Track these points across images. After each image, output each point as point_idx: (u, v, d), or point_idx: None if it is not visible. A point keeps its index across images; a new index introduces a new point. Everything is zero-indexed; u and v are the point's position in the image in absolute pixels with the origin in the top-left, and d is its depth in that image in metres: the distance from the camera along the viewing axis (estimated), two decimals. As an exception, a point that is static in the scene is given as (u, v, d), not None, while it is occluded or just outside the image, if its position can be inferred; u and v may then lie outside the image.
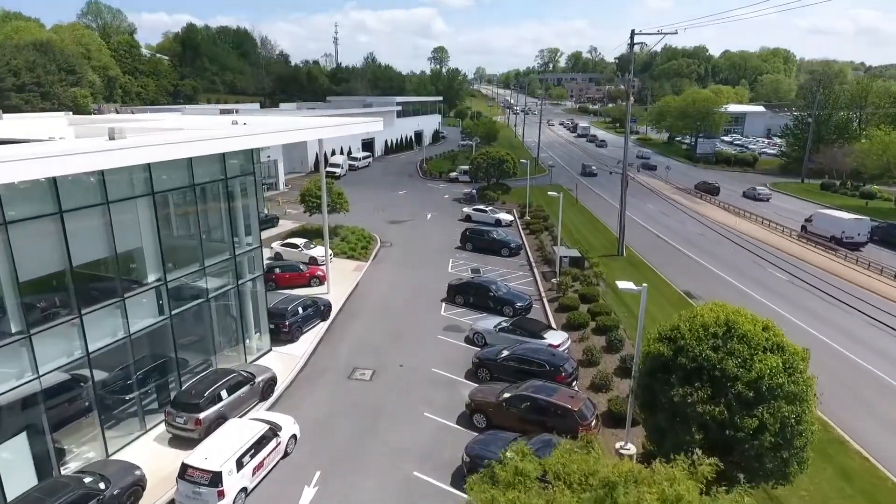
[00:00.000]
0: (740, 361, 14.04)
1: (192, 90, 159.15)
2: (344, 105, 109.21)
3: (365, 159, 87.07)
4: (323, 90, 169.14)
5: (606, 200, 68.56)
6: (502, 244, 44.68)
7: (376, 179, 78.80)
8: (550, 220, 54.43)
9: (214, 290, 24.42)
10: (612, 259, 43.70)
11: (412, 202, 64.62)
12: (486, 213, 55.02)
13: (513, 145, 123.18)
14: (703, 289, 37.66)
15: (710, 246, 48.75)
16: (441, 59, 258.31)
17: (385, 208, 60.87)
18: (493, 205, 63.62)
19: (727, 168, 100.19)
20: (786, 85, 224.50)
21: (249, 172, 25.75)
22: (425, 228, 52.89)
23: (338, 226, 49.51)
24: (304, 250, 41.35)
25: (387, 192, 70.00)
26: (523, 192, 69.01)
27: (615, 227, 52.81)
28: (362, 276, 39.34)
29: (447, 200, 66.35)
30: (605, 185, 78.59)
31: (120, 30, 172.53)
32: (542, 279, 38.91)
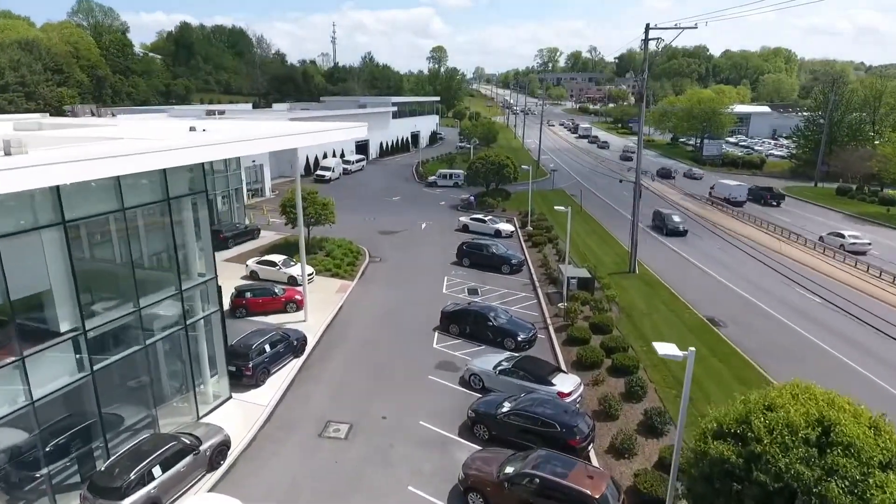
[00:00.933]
0: (849, 485, 9.68)
1: (185, 90, 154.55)
2: (338, 105, 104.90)
3: (358, 162, 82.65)
4: (318, 90, 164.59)
5: (613, 207, 64.19)
6: (503, 260, 40.27)
7: (369, 184, 74.38)
8: (554, 231, 50.07)
9: (155, 335, 20.02)
10: (624, 277, 39.28)
11: (406, 209, 60.21)
12: (485, 224, 50.61)
13: (512, 147, 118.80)
14: (728, 313, 33.28)
15: (733, 263, 44.33)
16: (440, 59, 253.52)
17: (377, 216, 56.46)
18: (493, 212, 59.25)
19: (734, 171, 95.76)
20: (788, 85, 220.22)
21: (200, 191, 21.30)
22: (419, 240, 48.49)
23: (323, 238, 45.10)
24: (282, 268, 36.93)
25: (379, 198, 65.57)
26: (524, 198, 64.68)
27: (624, 240, 48.50)
28: (346, 298, 34.91)
29: (443, 207, 61.94)
30: (610, 191, 74.16)
31: (111, 28, 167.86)
32: (546, 302, 34.50)
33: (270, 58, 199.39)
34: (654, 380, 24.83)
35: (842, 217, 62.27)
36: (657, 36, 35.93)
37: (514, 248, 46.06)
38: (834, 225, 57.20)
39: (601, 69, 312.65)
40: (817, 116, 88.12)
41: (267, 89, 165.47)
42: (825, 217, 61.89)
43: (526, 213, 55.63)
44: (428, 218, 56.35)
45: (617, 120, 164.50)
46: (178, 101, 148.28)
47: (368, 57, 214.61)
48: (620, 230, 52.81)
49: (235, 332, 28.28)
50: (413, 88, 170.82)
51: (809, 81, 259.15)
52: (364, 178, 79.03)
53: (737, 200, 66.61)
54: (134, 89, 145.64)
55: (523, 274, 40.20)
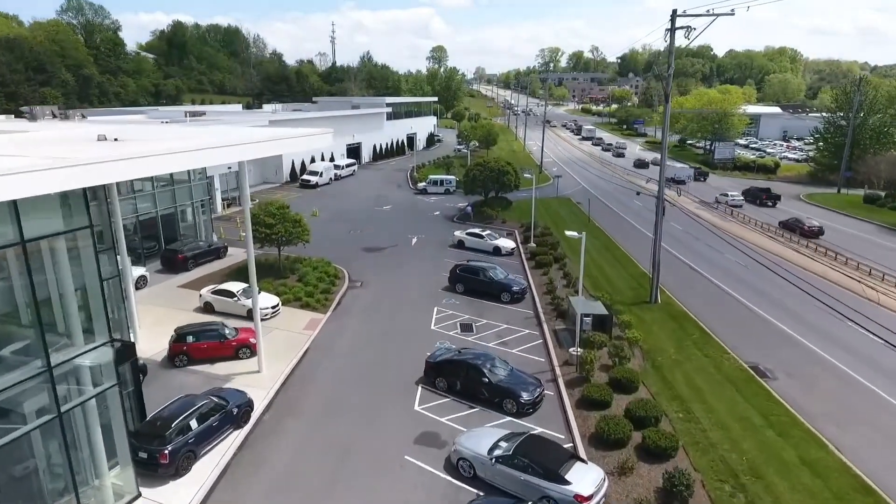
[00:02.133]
0: None
1: (176, 90, 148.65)
2: (331, 106, 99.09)
3: (349, 167, 76.65)
4: (313, 90, 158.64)
5: (623, 218, 58.10)
6: (502, 287, 34.22)
7: (359, 191, 68.37)
8: (561, 248, 44.06)
9: (10, 430, 14.09)
10: (644, 308, 33.22)
11: (396, 221, 54.19)
12: (483, 239, 44.58)
13: (513, 150, 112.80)
14: (775, 359, 27.23)
15: (761, 284, 38.27)
16: (440, 59, 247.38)
17: (363, 229, 50.46)
18: (492, 223, 53.28)
19: (749, 175, 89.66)
20: (794, 85, 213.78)
21: (81, 226, 15.29)
22: (408, 259, 42.49)
23: (297, 259, 39.15)
24: (241, 300, 30.94)
25: (368, 207, 59.55)
26: (526, 206, 58.67)
27: (640, 258, 42.51)
28: (314, 338, 28.92)
29: (437, 218, 55.91)
30: (620, 200, 68.08)
31: (102, 27, 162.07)
32: (554, 342, 28.50)
33: (268, 57, 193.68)
34: (699, 467, 18.83)
35: (875, 228, 56.14)
36: (686, 24, 29.49)
37: (515, 269, 40.07)
38: (870, 239, 51.15)
39: (603, 69, 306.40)
40: (838, 118, 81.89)
41: (260, 90, 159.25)
42: (857, 229, 55.72)
43: (528, 226, 49.65)
44: (420, 231, 50.34)
45: (621, 121, 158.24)
46: (169, 102, 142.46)
47: (367, 57, 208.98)
48: (634, 244, 46.80)
49: (171, 389, 22.45)
50: (411, 89, 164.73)
51: (815, 81, 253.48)
52: (354, 183, 73.03)
53: (679, 179, 78.74)
54: (122, 89, 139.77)
55: (526, 303, 34.17)
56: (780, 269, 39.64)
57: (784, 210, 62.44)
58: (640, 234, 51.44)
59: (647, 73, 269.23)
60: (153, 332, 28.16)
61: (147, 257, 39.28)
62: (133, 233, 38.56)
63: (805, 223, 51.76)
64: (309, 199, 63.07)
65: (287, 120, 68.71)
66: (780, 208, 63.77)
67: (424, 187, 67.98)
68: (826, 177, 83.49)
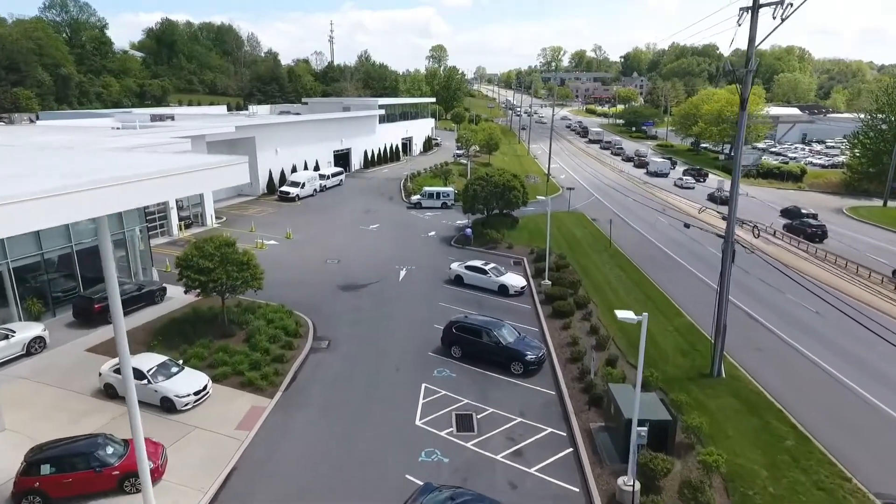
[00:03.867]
0: None
1: (161, 90, 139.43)
2: (321, 108, 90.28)
3: (335, 176, 67.66)
4: (306, 90, 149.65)
5: (651, 242, 49.08)
6: (512, 355, 25.31)
7: (344, 205, 59.40)
8: (583, 287, 35.18)
9: None
10: (706, 386, 24.24)
11: (383, 245, 45.27)
12: (486, 276, 35.59)
13: (517, 154, 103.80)
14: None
15: (849, 343, 29.35)
16: (440, 58, 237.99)
17: (342, 258, 41.54)
18: (496, 248, 44.39)
19: (776, 184, 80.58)
20: (805, 84, 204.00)
21: None
22: (392, 301, 33.55)
23: (250, 307, 30.26)
24: (152, 383, 22.02)
25: (353, 227, 50.59)
26: (535, 226, 49.87)
27: (681, 299, 33.60)
28: (247, 446, 20.01)
29: (432, 241, 46.95)
30: (641, 216, 59.02)
31: (88, 25, 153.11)
32: (590, 453, 19.64)
33: (263, 57, 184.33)
34: None
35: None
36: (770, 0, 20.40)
37: (527, 319, 31.17)
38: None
39: (606, 69, 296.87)
40: (878, 121, 72.82)
41: (250, 90, 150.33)
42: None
43: (540, 254, 40.79)
44: (410, 259, 41.43)
45: (629, 123, 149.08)
46: (154, 103, 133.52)
47: (365, 56, 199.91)
48: (671, 280, 37.85)
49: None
50: (409, 89, 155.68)
51: (825, 81, 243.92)
52: (341, 196, 64.03)
53: (662, 173, 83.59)
54: (105, 90, 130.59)
55: (545, 375, 25.25)
56: (868, 319, 30.66)
57: (842, 235, 53.25)
58: (674, 265, 42.48)
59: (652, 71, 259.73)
60: (21, 438, 19.38)
61: (59, 305, 30.47)
62: (38, 274, 29.76)
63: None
64: (286, 214, 54.15)
65: (259, 125, 59.79)
66: (834, 235, 54.30)
67: (419, 201, 59.06)
68: (863, 186, 74.54)
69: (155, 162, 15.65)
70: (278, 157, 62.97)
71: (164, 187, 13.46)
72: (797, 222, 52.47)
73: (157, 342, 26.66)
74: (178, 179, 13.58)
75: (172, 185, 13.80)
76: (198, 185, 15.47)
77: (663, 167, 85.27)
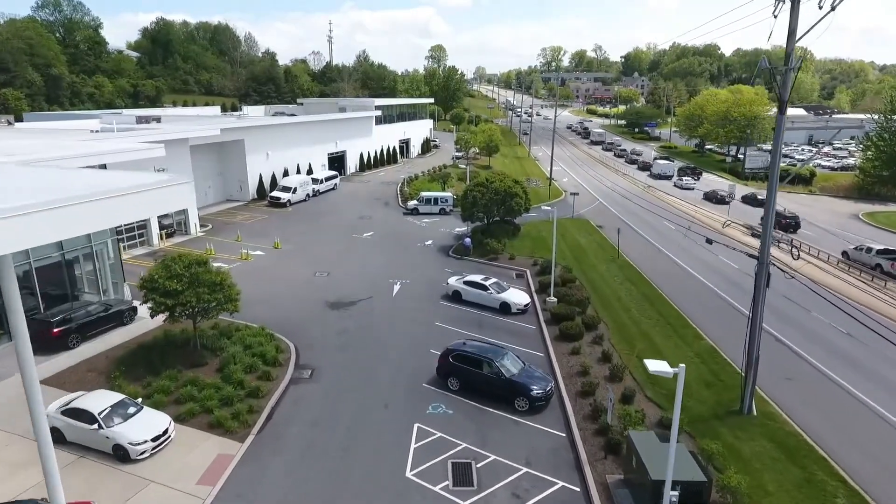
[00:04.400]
0: None
1: (156, 90, 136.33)
2: (316, 109, 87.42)
3: (329, 180, 64.73)
4: (303, 91, 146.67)
5: (661, 251, 46.17)
6: (516, 389, 22.35)
7: (338, 210, 56.48)
8: (591, 304, 32.26)
9: None
10: (735, 427, 21.24)
11: (377, 255, 42.35)
12: (486, 292, 32.65)
13: (517, 156, 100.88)
14: None
15: (885, 367, 26.47)
16: (439, 58, 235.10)
17: (332, 270, 38.60)
18: (497, 259, 41.49)
19: (787, 188, 77.64)
20: (808, 84, 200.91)
21: None
22: (384, 321, 30.63)
23: (227, 330, 27.34)
24: (105, 428, 19.05)
25: (344, 236, 47.65)
26: (537, 234, 47.03)
27: (698, 318, 30.68)
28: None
29: (429, 251, 44.03)
30: (648, 222, 56.14)
31: (82, 24, 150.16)
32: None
33: (260, 57, 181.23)
34: None
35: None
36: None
37: (531, 341, 28.25)
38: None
39: (606, 69, 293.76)
40: (894, 122, 69.88)
41: (246, 90, 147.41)
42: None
43: (544, 266, 37.93)
44: (405, 271, 38.51)
45: (631, 124, 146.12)
46: (148, 103, 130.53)
47: (363, 56, 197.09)
48: (685, 295, 34.90)
49: None
50: (407, 89, 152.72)
51: (827, 81, 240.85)
52: (334, 201, 61.09)
53: (666, 175, 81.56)
54: (97, 90, 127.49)
55: (553, 414, 22.29)
56: None
57: (860, 243, 50.30)
58: (687, 277, 39.58)
59: (653, 71, 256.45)
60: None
61: (16, 327, 27.45)
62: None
63: None
64: (275, 221, 51.24)
65: (249, 127, 56.86)
66: (852, 243, 51.56)
67: (416, 206, 56.12)
68: (876, 190, 71.65)
69: (80, 189, 12.72)
70: (269, 160, 60.03)
71: (69, 219, 10.46)
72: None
73: (120, 374, 23.72)
74: (89, 208, 10.60)
75: (81, 215, 10.79)
76: (125, 212, 12.44)
77: (667, 169, 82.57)
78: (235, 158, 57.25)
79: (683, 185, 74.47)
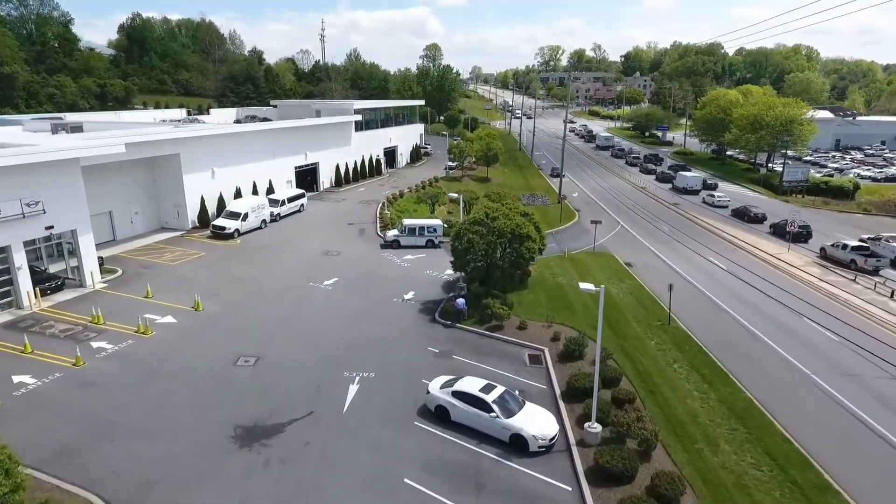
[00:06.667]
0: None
1: (125, 91, 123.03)
2: (293, 112, 74.82)
3: (294, 201, 52.08)
4: (285, 91, 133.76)
5: (716, 303, 33.62)
6: None
7: (298, 243, 43.82)
8: (647, 416, 19.65)
9: None
10: None
11: (335, 321, 29.77)
12: (490, 415, 19.95)
13: (518, 165, 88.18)
14: None
15: None
16: (434, 58, 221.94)
17: (264, 352, 25.99)
18: (501, 329, 29.02)
19: (832, 204, 65.25)
20: (818, 84, 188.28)
21: None
22: (321, 477, 18.07)
23: None
24: None
25: (298, 285, 34.97)
26: (550, 279, 34.59)
27: (789, 421, 18.18)
28: None
29: (409, 311, 31.43)
30: (680, 252, 43.70)
31: (51, 20, 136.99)
32: None
33: (247, 55, 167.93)
34: None
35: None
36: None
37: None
38: None
39: (605, 68, 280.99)
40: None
41: (222, 90, 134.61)
42: None
43: (569, 342, 25.56)
44: (370, 352, 25.97)
45: (638, 126, 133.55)
46: (118, 105, 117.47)
47: (354, 54, 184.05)
48: (767, 386, 22.45)
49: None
50: (399, 89, 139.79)
51: (835, 81, 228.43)
52: (296, 229, 48.42)
53: (693, 189, 68.53)
54: (58, 90, 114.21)
55: None
56: None
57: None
58: (782, 365, 27.06)
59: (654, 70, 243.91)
60: None
61: None
62: None
63: None
64: (212, 262, 38.62)
65: (187, 138, 43.97)
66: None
67: (396, 237, 43.57)
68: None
69: None
70: (216, 178, 47.38)
71: None
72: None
73: None
74: None
75: None
76: None
77: (694, 182, 70.00)
78: (170, 177, 44.61)
79: (715, 203, 62.11)
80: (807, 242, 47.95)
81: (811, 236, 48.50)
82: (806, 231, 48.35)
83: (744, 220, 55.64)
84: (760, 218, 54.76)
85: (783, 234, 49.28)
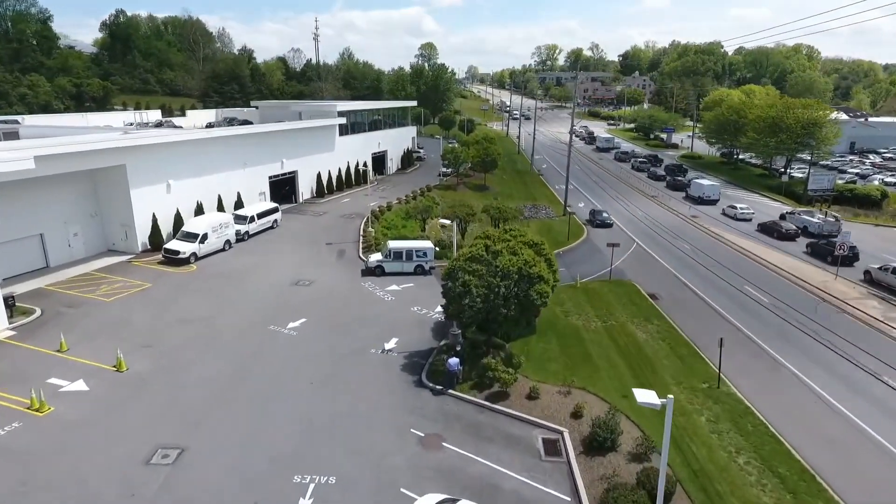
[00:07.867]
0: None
1: (103, 91, 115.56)
2: (273, 115, 67.91)
3: (265, 216, 45.19)
4: (272, 91, 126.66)
5: (772, 355, 26.92)
6: None
7: (264, 270, 36.92)
8: None
9: None
10: None
11: (295, 385, 22.99)
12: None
13: (517, 170, 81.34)
14: None
15: None
16: (430, 57, 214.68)
17: (190, 441, 19.17)
18: (507, 399, 22.32)
19: (862, 216, 58.80)
20: (822, 84, 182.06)
21: None
22: None
23: None
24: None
25: (255, 330, 28.10)
26: (563, 319, 27.76)
27: None
28: None
29: (389, 369, 24.64)
30: (718, 285, 36.97)
31: (27, 16, 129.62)
32: None
33: (236, 54, 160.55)
34: None
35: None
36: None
37: None
38: None
39: (603, 68, 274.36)
40: None
41: (205, 90, 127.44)
42: None
43: (598, 428, 18.94)
44: (334, 441, 19.26)
45: (641, 128, 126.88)
46: (95, 106, 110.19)
47: (347, 53, 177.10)
48: (847, 467, 15.87)
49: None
50: (392, 89, 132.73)
51: (837, 81, 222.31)
52: (266, 249, 41.54)
53: (711, 199, 62.74)
54: (31, 90, 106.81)
55: None
56: None
57: None
58: (853, 435, 20.35)
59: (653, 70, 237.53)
60: None
61: None
62: None
63: None
64: (157, 297, 31.67)
65: (134, 147, 36.91)
66: None
67: (380, 263, 36.71)
68: None
69: None
70: (173, 193, 40.47)
71: None
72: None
73: None
74: None
75: None
76: None
77: (711, 192, 63.38)
78: (116, 192, 37.71)
79: (738, 215, 55.43)
80: (853, 265, 41.01)
81: (857, 258, 41.40)
82: (853, 253, 41.16)
83: (773, 236, 49.05)
84: (793, 235, 48.12)
85: (823, 254, 42.68)
